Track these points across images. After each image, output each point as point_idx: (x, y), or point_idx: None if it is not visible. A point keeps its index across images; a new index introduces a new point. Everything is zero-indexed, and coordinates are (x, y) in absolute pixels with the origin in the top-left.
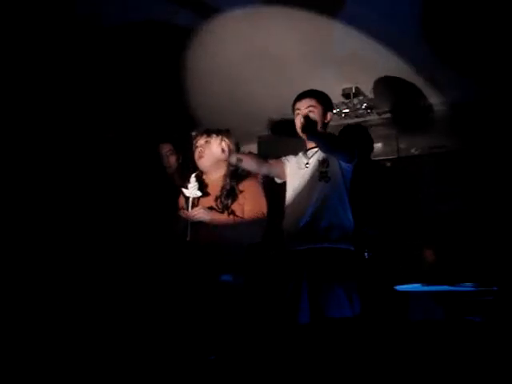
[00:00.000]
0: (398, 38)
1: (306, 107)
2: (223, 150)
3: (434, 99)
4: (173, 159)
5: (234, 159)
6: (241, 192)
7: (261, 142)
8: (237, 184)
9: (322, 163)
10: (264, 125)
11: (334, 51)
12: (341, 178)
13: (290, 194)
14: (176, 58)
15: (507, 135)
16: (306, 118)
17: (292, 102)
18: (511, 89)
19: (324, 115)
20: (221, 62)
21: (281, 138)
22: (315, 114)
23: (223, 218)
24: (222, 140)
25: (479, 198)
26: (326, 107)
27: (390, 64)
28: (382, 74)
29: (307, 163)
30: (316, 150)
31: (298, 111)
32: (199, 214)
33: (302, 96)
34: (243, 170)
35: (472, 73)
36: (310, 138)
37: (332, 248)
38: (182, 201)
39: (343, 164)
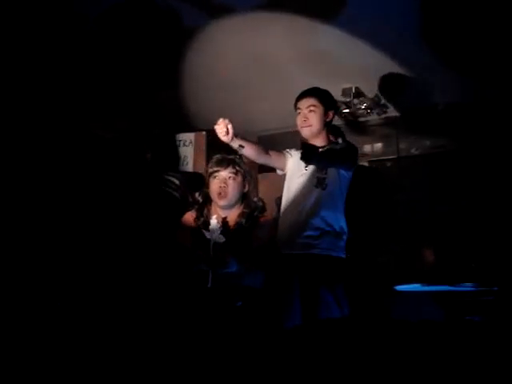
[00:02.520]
0: (398, 39)
1: (306, 107)
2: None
3: (434, 99)
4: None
5: (236, 145)
6: (258, 238)
7: (261, 142)
8: (253, 228)
9: (321, 169)
10: (264, 125)
11: (334, 52)
12: (338, 186)
13: (286, 195)
14: (175, 60)
15: (507, 136)
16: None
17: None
18: (511, 89)
19: (325, 114)
20: (220, 64)
21: (281, 138)
22: (315, 114)
23: (247, 266)
24: (245, 174)
25: (479, 198)
26: (327, 106)
27: (390, 64)
28: (382, 75)
29: (307, 167)
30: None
31: (299, 110)
32: (229, 266)
33: (303, 95)
34: (259, 212)
35: (472, 73)
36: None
37: (322, 255)
38: (189, 221)
39: (342, 172)
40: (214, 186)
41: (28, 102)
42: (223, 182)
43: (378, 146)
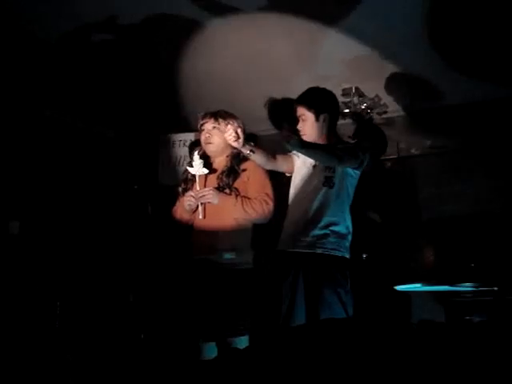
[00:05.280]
0: (398, 39)
1: (298, 116)
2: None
3: (434, 99)
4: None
5: (246, 150)
6: (243, 170)
7: (261, 142)
8: (238, 164)
9: (329, 167)
10: (264, 125)
11: (334, 52)
12: (345, 185)
13: (293, 192)
14: (174, 62)
15: (507, 136)
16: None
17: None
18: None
19: (317, 120)
20: (220, 64)
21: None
22: (306, 123)
23: (231, 200)
24: (230, 125)
25: (479, 198)
26: (317, 111)
27: (390, 64)
28: (382, 75)
29: (315, 165)
30: None
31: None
32: (209, 195)
33: (295, 102)
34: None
35: (473, 73)
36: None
37: (326, 255)
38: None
39: (350, 170)
40: (202, 137)
41: (30, 102)
42: (208, 132)
43: None
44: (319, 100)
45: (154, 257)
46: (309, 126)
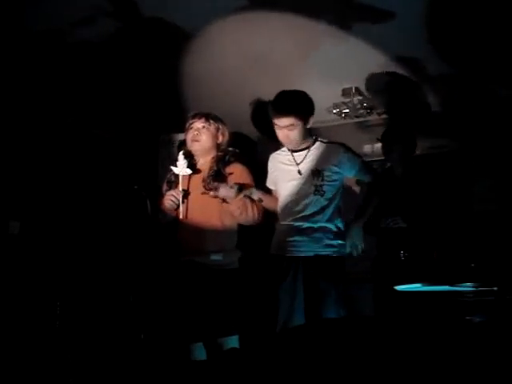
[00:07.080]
0: (398, 39)
1: (285, 125)
2: (220, 138)
3: (434, 99)
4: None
5: (255, 197)
6: (229, 174)
7: (259, 143)
8: (224, 167)
9: (317, 175)
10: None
11: (334, 52)
12: (335, 189)
13: (282, 200)
14: (175, 62)
15: (507, 135)
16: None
17: None
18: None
19: (306, 124)
20: (220, 66)
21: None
22: (296, 131)
23: (233, 193)
24: (218, 127)
25: (479, 198)
26: (306, 117)
27: (390, 64)
28: (382, 75)
29: (299, 170)
30: (304, 153)
31: (276, 126)
32: (222, 190)
33: (279, 112)
34: (231, 156)
35: (473, 73)
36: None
37: (323, 257)
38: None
39: (338, 176)
40: (189, 135)
41: (30, 104)
42: (196, 130)
43: (378, 146)
44: (306, 104)
45: (154, 257)
46: (298, 133)
